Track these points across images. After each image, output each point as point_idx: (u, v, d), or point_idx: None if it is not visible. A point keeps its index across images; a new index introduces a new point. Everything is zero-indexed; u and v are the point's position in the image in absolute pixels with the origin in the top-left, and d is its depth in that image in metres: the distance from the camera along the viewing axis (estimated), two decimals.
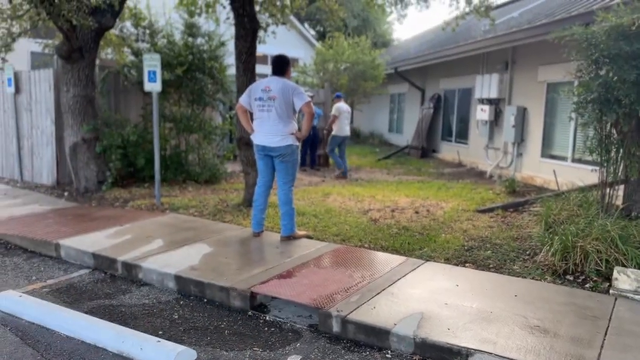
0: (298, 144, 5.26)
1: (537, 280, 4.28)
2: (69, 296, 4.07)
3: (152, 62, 6.66)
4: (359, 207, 7.01)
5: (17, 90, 8.70)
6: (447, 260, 4.77)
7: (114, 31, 8.83)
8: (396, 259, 4.69)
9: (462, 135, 13.00)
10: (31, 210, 6.61)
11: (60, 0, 5.93)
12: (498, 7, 9.84)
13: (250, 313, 3.79)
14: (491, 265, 4.66)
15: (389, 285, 3.98)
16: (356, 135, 19.32)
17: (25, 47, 11.50)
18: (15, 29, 7.78)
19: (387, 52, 18.32)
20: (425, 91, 15.18)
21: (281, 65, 5.23)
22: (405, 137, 16.18)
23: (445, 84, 13.88)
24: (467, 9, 8.60)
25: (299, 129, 5.28)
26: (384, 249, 5.11)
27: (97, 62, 8.02)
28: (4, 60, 7.88)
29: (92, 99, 7.67)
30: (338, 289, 3.88)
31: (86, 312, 3.69)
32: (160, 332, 3.44)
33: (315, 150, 11.49)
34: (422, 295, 3.81)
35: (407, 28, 62.49)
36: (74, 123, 7.48)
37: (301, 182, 9.18)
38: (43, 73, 8.34)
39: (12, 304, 3.73)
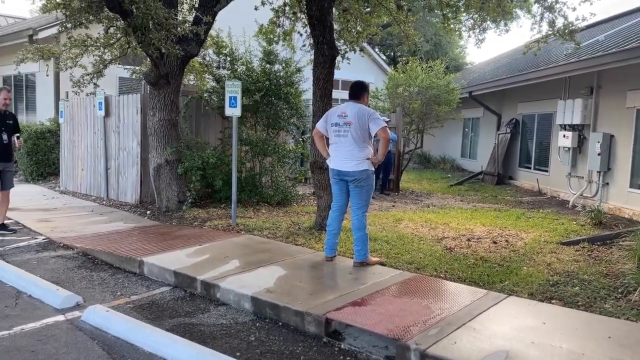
0: (373, 169, 5.24)
1: (632, 321, 3.95)
2: (151, 313, 4.22)
3: (233, 88, 6.92)
4: (432, 235, 6.83)
5: (107, 113, 9.31)
6: (531, 296, 4.51)
7: (197, 59, 9.28)
8: (476, 292, 4.49)
9: (542, 162, 12.44)
10: (116, 228, 6.97)
11: (151, 29, 6.32)
12: (582, 30, 9.42)
13: (325, 340, 3.76)
14: (580, 303, 4.36)
15: (470, 320, 3.81)
16: (426, 160, 19.04)
17: (114, 72, 12.31)
18: (107, 56, 8.36)
19: (461, 75, 18.00)
20: (502, 116, 14.73)
21: (358, 90, 5.27)
22: (479, 162, 15.72)
23: (524, 108, 13.40)
24: (549, 32, 8.32)
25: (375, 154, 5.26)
26: (462, 280, 4.92)
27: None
28: (95, 85, 8.48)
29: (176, 123, 8.06)
30: (415, 321, 3.77)
31: (167, 330, 3.80)
32: (237, 354, 3.47)
33: (387, 174, 11.40)
34: (506, 332, 3.62)
35: (480, 51, 61.30)
36: (159, 145, 7.88)
37: (371, 206, 9.08)
38: (131, 98, 8.89)
39: (99, 318, 3.91)
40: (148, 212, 8.10)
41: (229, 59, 9.28)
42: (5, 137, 6.64)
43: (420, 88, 12.44)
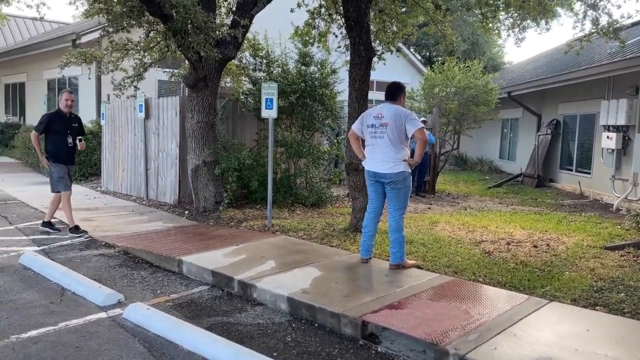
0: (410, 170, 5.19)
1: None
2: (190, 311, 4.29)
3: (270, 90, 6.97)
4: (470, 238, 6.72)
5: (147, 115, 9.53)
6: (574, 302, 4.37)
7: (234, 61, 9.40)
8: (516, 297, 4.39)
9: (584, 164, 12.06)
10: (155, 227, 7.13)
11: (190, 33, 6.44)
12: (627, 28, 9.10)
13: (361, 342, 3.74)
14: (626, 310, 4.20)
15: (510, 326, 3.72)
16: (463, 162, 18.74)
17: (154, 75, 12.62)
18: (147, 59, 8.56)
19: (499, 75, 17.66)
20: (542, 116, 14.36)
21: (394, 91, 5.23)
22: (518, 164, 15.37)
23: (565, 109, 13.03)
24: (592, 30, 8.07)
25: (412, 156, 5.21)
26: (501, 285, 4.82)
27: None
28: (136, 88, 8.70)
29: (213, 124, 8.18)
30: (454, 325, 3.71)
31: (206, 328, 3.85)
32: (274, 354, 3.49)
33: (423, 176, 11.27)
34: (548, 338, 3.52)
35: (518, 51, 59.95)
36: (197, 147, 8.02)
37: (406, 208, 9.01)
38: (170, 100, 9.08)
39: (140, 316, 4.00)
40: (186, 212, 8.25)
41: (265, 61, 9.37)
42: (70, 140, 6.75)
43: (457, 88, 12.26)
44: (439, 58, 29.02)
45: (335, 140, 10.15)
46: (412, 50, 23.51)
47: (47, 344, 3.59)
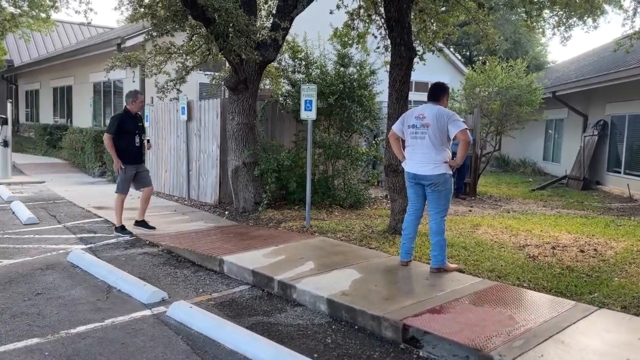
0: (451, 172, 5.10)
1: None
2: (232, 310, 4.35)
3: (309, 92, 7.00)
4: (513, 242, 6.55)
5: (189, 117, 9.72)
6: (625, 309, 4.20)
7: (273, 63, 9.48)
8: (563, 303, 4.25)
9: (634, 166, 11.60)
10: (197, 227, 7.26)
11: (232, 36, 6.53)
12: None
13: (402, 346, 3.69)
14: None
15: (557, 332, 3.61)
16: (505, 163, 18.32)
17: (195, 78, 12.84)
18: (189, 62, 8.73)
19: (544, 75, 17.19)
20: (588, 117, 13.89)
21: (437, 92, 5.15)
22: (563, 166, 14.91)
23: (613, 109, 12.56)
24: None
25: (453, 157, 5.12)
26: (547, 291, 4.67)
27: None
28: (178, 90, 8.87)
29: (253, 126, 8.27)
30: (498, 331, 3.62)
31: (247, 328, 3.88)
32: (315, 355, 3.50)
33: (462, 177, 11.08)
34: (597, 346, 3.39)
35: (563, 49, 58.17)
36: (237, 148, 8.12)
37: None
38: (211, 102, 9.24)
39: (183, 314, 4.08)
40: (226, 212, 8.37)
41: (304, 63, 9.41)
42: (138, 140, 6.89)
43: (500, 88, 12.00)
44: (480, 57, 28.50)
45: (374, 142, 10.09)
46: (451, 49, 23.16)
47: (94, 340, 3.70)
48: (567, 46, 57.62)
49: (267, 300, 4.63)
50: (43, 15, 18.31)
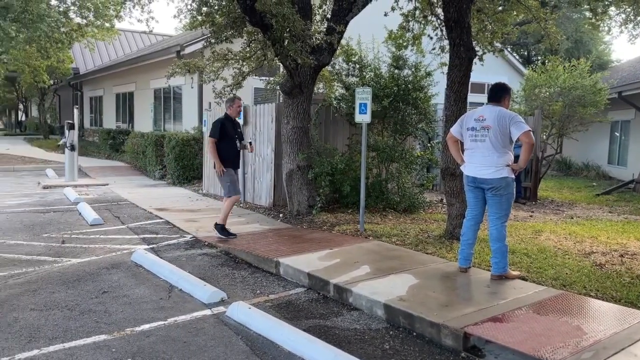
0: (513, 176, 4.93)
1: None
2: (289, 312, 4.38)
3: (363, 95, 6.97)
4: (578, 249, 6.26)
5: (245, 122, 9.90)
6: None
7: (327, 67, 9.52)
8: (634, 314, 4.02)
9: None
10: (253, 229, 7.37)
11: (288, 42, 6.61)
12: None
13: (463, 355, 3.60)
14: None
15: (630, 345, 3.41)
16: (566, 167, 17.59)
17: (250, 83, 13.08)
18: (245, 68, 8.91)
19: (608, 74, 16.40)
20: None
21: (498, 92, 5.01)
22: (630, 170, 14.15)
23: None
24: None
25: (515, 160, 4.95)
26: (616, 300, 4.44)
27: None
28: (235, 96, 9.04)
29: (307, 130, 8.34)
30: (565, 342, 3.46)
31: (304, 330, 3.91)
32: None
33: (519, 181, 10.70)
34: None
35: (628, 48, 55.32)
36: (291, 152, 8.21)
37: None
38: (267, 107, 9.37)
39: (242, 315, 4.14)
40: (280, 215, 8.46)
41: (357, 66, 9.39)
42: (238, 144, 6.98)
43: (562, 89, 11.52)
44: (539, 57, 27.52)
45: (429, 144, 9.93)
46: (509, 49, 22.49)
47: (158, 338, 3.82)
48: (635, 44, 54.80)
49: (323, 304, 4.63)
50: (107, 24, 19.24)
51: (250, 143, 7.11)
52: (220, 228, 6.82)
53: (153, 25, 9.63)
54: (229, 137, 6.80)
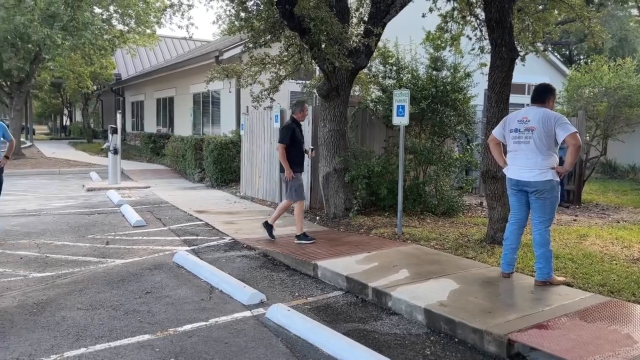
0: (558, 179, 4.79)
1: None
2: (327, 315, 4.38)
3: (401, 97, 6.92)
4: (626, 254, 6.03)
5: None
6: None
7: (363, 70, 9.49)
8: None
9: None
10: (291, 232, 7.38)
11: (325, 45, 6.63)
12: None
13: None
14: None
15: None
16: (611, 169, 16.96)
17: (287, 87, 13.17)
18: (282, 72, 8.98)
19: None
20: None
21: (542, 93, 4.88)
22: None
23: None
24: None
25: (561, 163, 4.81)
26: None
27: None
28: (272, 99, 9.13)
29: (344, 133, 8.33)
30: (614, 351, 3.34)
31: (343, 333, 3.89)
32: None
33: (562, 184, 10.39)
34: None
35: None
36: (328, 155, 8.22)
37: None
38: None
39: (282, 317, 4.17)
40: (317, 217, 8.47)
41: (394, 68, 9.32)
42: (303, 148, 6.99)
43: (607, 89, 11.14)
44: (581, 57, 26.72)
45: (468, 147, 9.75)
46: (550, 49, 21.92)
47: (199, 339, 3.88)
48: None
49: (362, 307, 4.61)
50: (148, 31, 19.77)
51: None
52: (303, 235, 6.66)
53: (192, 31, 9.84)
54: (297, 142, 6.77)
